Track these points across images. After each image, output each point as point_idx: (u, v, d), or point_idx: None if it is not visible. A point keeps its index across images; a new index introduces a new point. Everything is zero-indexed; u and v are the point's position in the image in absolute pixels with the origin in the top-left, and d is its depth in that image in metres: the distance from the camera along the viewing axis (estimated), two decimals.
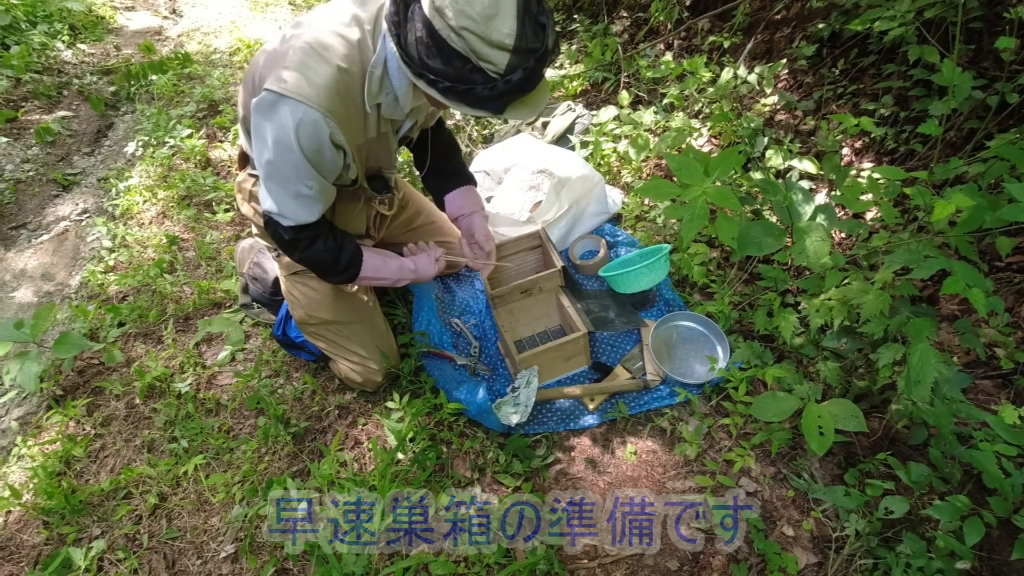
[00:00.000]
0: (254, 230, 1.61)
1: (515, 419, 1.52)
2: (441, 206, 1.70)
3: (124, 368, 1.88)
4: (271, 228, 1.35)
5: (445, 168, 1.68)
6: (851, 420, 1.28)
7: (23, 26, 3.81)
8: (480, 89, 1.02)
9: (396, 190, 1.73)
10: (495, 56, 0.98)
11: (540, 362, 1.63)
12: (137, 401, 1.77)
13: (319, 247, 1.37)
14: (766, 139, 2.18)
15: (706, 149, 2.39)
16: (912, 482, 1.29)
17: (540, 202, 2.06)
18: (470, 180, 1.69)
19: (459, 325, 1.85)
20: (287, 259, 1.56)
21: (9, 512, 1.53)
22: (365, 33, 1.16)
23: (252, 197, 1.50)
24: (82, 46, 3.95)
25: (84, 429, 1.71)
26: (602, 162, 2.42)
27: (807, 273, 1.67)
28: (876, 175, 1.47)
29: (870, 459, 1.40)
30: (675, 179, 1.43)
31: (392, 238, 1.88)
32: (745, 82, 2.27)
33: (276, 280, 1.74)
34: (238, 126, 1.47)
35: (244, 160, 1.53)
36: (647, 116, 2.37)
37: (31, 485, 1.55)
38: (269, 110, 1.15)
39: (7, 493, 1.51)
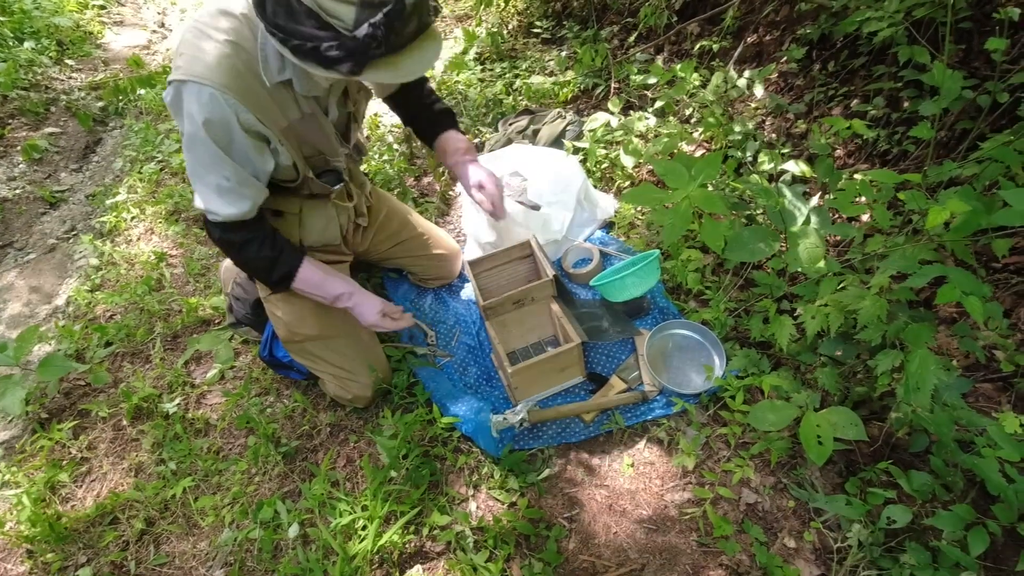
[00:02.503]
0: None
1: (513, 419, 1.50)
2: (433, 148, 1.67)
3: (111, 389, 1.85)
4: (206, 229, 1.33)
5: (428, 115, 1.64)
6: (850, 428, 1.26)
7: (10, 42, 3.78)
8: (326, 46, 0.97)
9: (369, 199, 1.70)
10: (341, 10, 0.94)
11: (534, 373, 1.61)
12: (124, 423, 1.74)
13: (252, 252, 1.34)
14: (757, 143, 2.16)
15: (698, 154, 2.38)
16: (914, 491, 1.27)
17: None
18: (454, 122, 1.64)
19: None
20: None
21: None
22: (249, 4, 1.10)
23: None
24: (70, 61, 3.92)
25: (70, 453, 1.67)
26: (594, 168, 2.40)
27: (802, 278, 1.65)
28: (869, 178, 1.45)
29: (871, 467, 1.37)
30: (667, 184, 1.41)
31: (377, 252, 1.86)
32: (735, 86, 2.26)
33: (258, 300, 1.70)
34: None
35: None
36: (639, 122, 2.36)
37: (14, 512, 1.51)
38: (174, 103, 1.13)
39: None
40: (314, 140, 1.33)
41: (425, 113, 1.63)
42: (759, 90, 2.25)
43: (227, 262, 1.91)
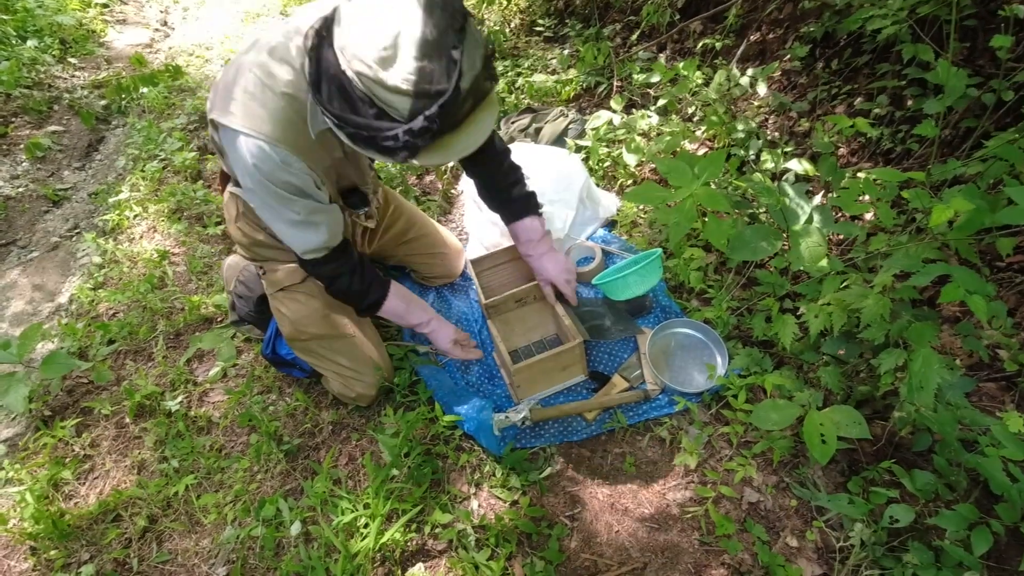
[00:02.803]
0: (238, 249, 1.58)
1: (515, 417, 1.50)
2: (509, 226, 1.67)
3: (114, 387, 1.85)
4: (301, 265, 1.42)
5: (505, 197, 1.61)
6: (853, 427, 1.25)
7: (13, 41, 3.78)
8: (381, 137, 0.94)
9: (379, 201, 1.70)
10: (395, 101, 0.91)
11: (536, 372, 1.61)
12: (127, 420, 1.74)
13: (343, 285, 1.44)
14: (760, 141, 2.16)
15: (701, 153, 2.37)
16: (917, 490, 1.26)
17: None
18: (530, 208, 1.62)
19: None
20: (273, 276, 1.54)
21: None
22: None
23: (239, 217, 1.48)
24: (72, 60, 3.93)
25: (73, 450, 1.68)
26: (597, 166, 2.40)
27: (805, 277, 1.65)
28: (873, 177, 1.45)
29: (874, 467, 1.37)
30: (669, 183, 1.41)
31: (384, 251, 1.86)
32: (738, 84, 2.25)
33: (261, 298, 1.71)
34: None
35: (226, 178, 1.51)
36: (641, 121, 2.36)
37: (18, 510, 1.51)
38: (229, 146, 1.15)
39: None
40: (351, 175, 1.37)
41: (502, 194, 1.62)
42: (762, 88, 2.24)
43: (229, 259, 1.91)
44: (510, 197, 1.61)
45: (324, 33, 0.94)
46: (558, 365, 1.64)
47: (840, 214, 1.87)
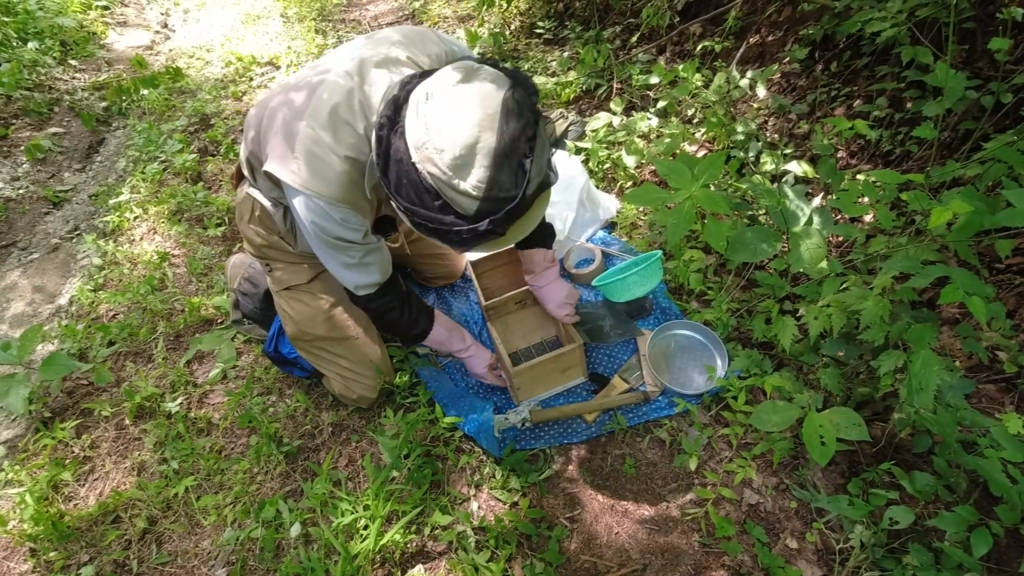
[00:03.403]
0: (247, 246, 1.59)
1: (515, 419, 1.51)
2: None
3: (114, 388, 1.85)
4: (352, 299, 1.48)
5: None
6: (853, 429, 1.25)
7: (14, 43, 3.79)
8: (445, 230, 0.97)
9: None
10: (464, 203, 0.93)
11: (536, 374, 1.61)
12: (127, 422, 1.74)
13: (393, 317, 1.50)
14: (760, 143, 2.16)
15: (701, 155, 2.38)
16: (917, 492, 1.26)
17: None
18: (543, 240, 1.65)
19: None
20: (279, 274, 1.55)
21: None
22: (370, 124, 1.15)
23: (253, 219, 1.49)
24: (73, 62, 3.93)
25: (72, 452, 1.68)
26: (597, 168, 2.41)
27: (805, 279, 1.65)
28: (872, 179, 1.45)
29: (873, 468, 1.37)
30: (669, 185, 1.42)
31: (391, 250, 1.87)
32: (737, 86, 2.26)
33: (266, 295, 1.72)
34: (240, 151, 1.45)
35: (240, 176, 1.52)
36: (641, 123, 2.36)
37: (18, 511, 1.51)
38: (291, 200, 1.22)
39: None
40: (387, 209, 1.40)
41: None
42: (761, 90, 2.24)
43: (234, 258, 1.92)
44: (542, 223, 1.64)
45: (395, 119, 0.97)
46: (558, 367, 1.64)
47: (840, 216, 1.87)
